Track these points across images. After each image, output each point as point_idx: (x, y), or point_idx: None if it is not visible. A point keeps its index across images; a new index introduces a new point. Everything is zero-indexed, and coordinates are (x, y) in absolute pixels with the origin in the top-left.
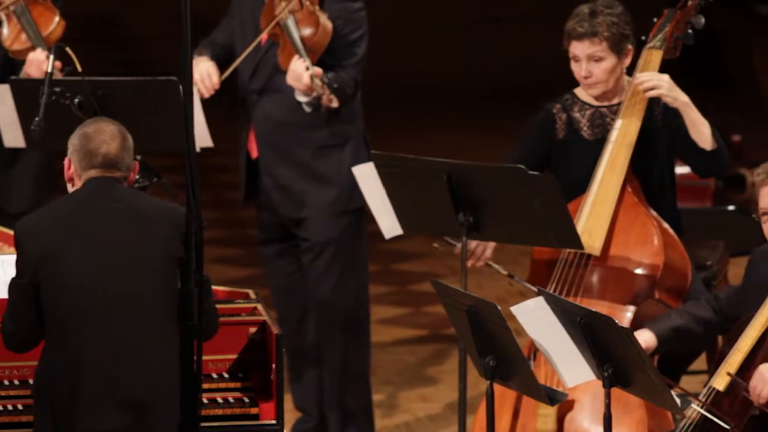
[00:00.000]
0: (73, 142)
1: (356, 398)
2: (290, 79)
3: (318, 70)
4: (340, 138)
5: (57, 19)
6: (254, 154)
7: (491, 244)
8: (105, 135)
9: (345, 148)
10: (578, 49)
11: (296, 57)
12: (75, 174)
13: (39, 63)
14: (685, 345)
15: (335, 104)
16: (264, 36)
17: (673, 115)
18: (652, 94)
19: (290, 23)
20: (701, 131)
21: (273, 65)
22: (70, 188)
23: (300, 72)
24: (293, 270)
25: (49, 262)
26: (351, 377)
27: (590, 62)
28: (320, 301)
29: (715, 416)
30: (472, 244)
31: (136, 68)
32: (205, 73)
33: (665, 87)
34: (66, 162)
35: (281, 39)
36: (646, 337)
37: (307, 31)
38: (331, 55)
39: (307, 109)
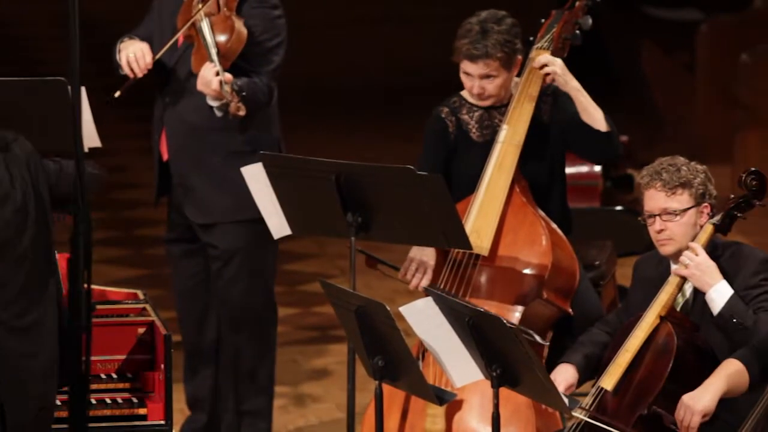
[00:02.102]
0: None
1: (257, 402)
2: (200, 85)
3: (228, 76)
4: (252, 144)
5: None
6: (165, 156)
7: (430, 266)
8: None
9: (256, 155)
10: (471, 68)
11: (208, 62)
12: None
13: None
14: (595, 372)
15: (242, 112)
16: (180, 37)
17: (562, 108)
18: (546, 70)
19: (205, 26)
20: (593, 115)
21: (188, 68)
22: None
23: (209, 78)
24: (199, 271)
25: None
26: (255, 382)
27: (483, 80)
28: (227, 306)
29: (600, 422)
30: (413, 266)
31: (24, 69)
32: (139, 53)
33: (558, 71)
34: None
35: (196, 41)
36: (569, 372)
37: (222, 37)
38: (247, 61)
39: (218, 113)
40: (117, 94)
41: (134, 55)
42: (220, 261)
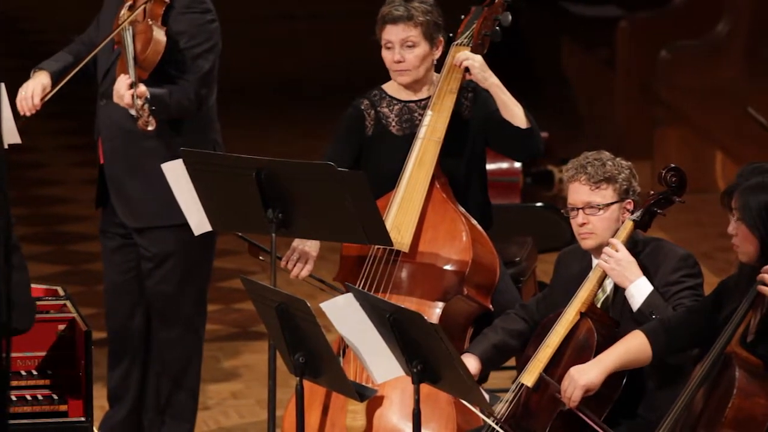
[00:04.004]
0: None
1: (182, 401)
2: (114, 96)
3: (141, 89)
4: (187, 148)
5: None
6: (101, 159)
7: (312, 257)
8: None
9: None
10: (392, 33)
11: (123, 74)
12: None
13: None
14: (505, 360)
15: (151, 128)
16: (115, 41)
17: (482, 104)
18: (466, 64)
19: (128, 35)
20: (513, 111)
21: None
22: None
23: (122, 91)
24: (130, 267)
25: None
26: (181, 382)
27: (403, 47)
28: (157, 306)
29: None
30: (294, 256)
31: None
32: (29, 93)
33: (478, 66)
34: None
35: (122, 49)
36: (470, 363)
37: (140, 46)
38: (175, 68)
39: (138, 121)
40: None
41: (25, 93)
42: (152, 262)
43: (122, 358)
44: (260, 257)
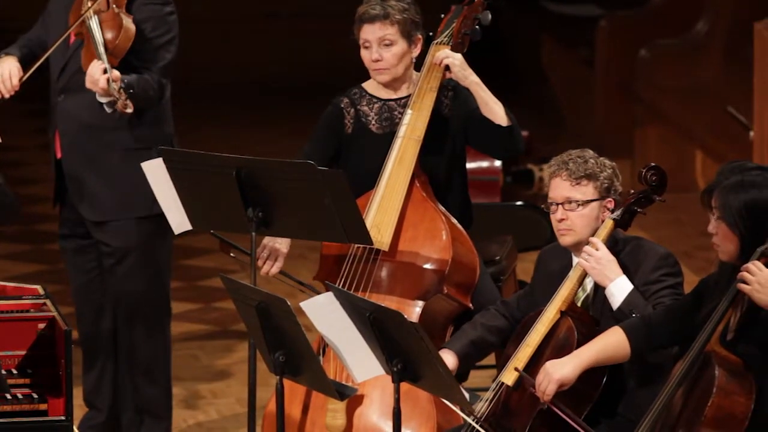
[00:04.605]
0: None
1: (155, 398)
2: (88, 82)
3: (116, 74)
4: (145, 141)
5: None
6: (59, 153)
7: (282, 254)
8: None
9: (150, 151)
10: (369, 32)
11: (95, 59)
12: None
13: None
14: (484, 356)
15: (130, 110)
16: (72, 34)
17: (463, 102)
18: (446, 62)
19: (94, 24)
20: (494, 109)
21: (80, 65)
22: None
23: (97, 76)
24: (93, 267)
25: None
26: (151, 376)
27: (381, 46)
28: (121, 301)
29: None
30: (264, 253)
31: None
32: (6, 74)
33: (458, 64)
34: None
35: (85, 39)
36: (447, 359)
37: (110, 34)
38: (138, 58)
39: (108, 110)
40: None
41: (1, 76)
42: (113, 258)
43: (95, 360)
44: (231, 254)
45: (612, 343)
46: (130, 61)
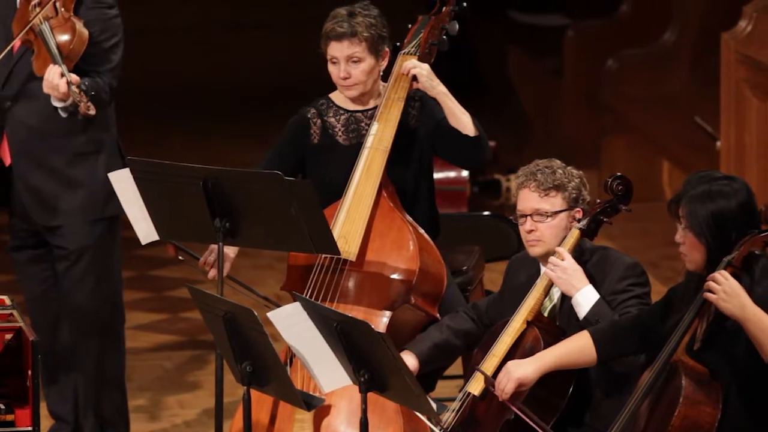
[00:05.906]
0: None
1: (112, 405)
2: (46, 87)
3: (75, 77)
4: (94, 145)
5: None
6: (7, 161)
7: (230, 258)
8: None
9: (99, 155)
10: (337, 50)
11: (52, 64)
12: None
13: None
14: (449, 360)
15: (92, 111)
16: (17, 42)
17: (430, 112)
18: (413, 72)
19: (45, 29)
20: (461, 119)
21: (28, 72)
22: None
23: (56, 81)
24: (47, 276)
25: None
26: (106, 384)
27: (349, 63)
28: (75, 308)
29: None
30: (211, 257)
31: None
32: None
33: (425, 74)
34: None
35: (36, 45)
36: (408, 361)
37: (64, 38)
38: (87, 62)
39: (63, 114)
40: None
41: None
42: (67, 261)
43: (55, 371)
44: (180, 257)
45: (576, 346)
46: (78, 65)
